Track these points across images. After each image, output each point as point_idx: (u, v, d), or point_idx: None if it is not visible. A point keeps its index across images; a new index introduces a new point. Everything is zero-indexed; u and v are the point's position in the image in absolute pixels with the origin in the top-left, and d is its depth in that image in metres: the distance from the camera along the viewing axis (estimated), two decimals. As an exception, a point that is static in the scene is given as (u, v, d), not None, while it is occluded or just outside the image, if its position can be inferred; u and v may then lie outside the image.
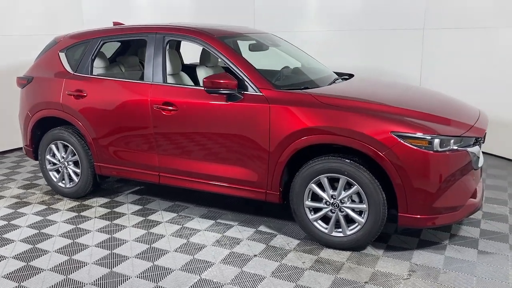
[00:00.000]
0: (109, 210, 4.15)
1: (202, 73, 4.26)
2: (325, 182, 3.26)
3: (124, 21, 5.82)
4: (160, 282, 2.96)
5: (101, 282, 2.98)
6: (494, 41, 5.34)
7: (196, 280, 2.97)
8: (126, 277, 3.03)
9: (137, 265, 3.18)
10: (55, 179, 4.47)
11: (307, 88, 3.54)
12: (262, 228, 3.73)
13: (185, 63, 5.36)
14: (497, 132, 5.46)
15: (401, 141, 2.97)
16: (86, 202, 4.36)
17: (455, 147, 3.05)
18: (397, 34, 6.38)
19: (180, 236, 3.62)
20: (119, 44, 5.15)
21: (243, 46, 4.29)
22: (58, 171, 4.47)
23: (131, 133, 3.93)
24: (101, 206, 4.26)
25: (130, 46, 5.10)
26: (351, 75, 4.39)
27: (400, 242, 3.43)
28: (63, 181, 4.44)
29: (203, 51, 4.33)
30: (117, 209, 4.17)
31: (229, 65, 3.59)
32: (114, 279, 3.00)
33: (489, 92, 5.47)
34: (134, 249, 3.41)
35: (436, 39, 6.08)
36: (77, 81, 4.16)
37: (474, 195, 3.35)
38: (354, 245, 3.26)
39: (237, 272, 3.06)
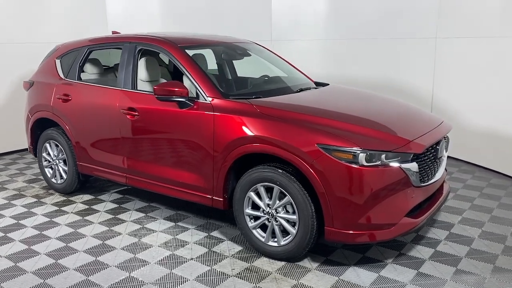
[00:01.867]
0: (87, 207, 4.45)
1: (187, 80, 4.43)
2: (262, 191, 3.28)
3: (145, 29, 6.19)
4: (91, 276, 3.15)
5: (43, 271, 3.23)
6: (509, 50, 4.98)
7: (124, 277, 3.13)
8: (65, 269, 3.25)
9: (81, 258, 3.41)
10: (49, 175, 4.87)
11: (259, 97, 3.59)
12: (215, 233, 3.81)
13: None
14: (509, 148, 5.07)
15: (326, 153, 2.93)
16: (72, 198, 4.69)
17: (387, 162, 2.94)
18: (409, 43, 6.17)
19: (135, 235, 3.80)
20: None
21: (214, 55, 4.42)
22: (52, 168, 4.86)
23: (104, 136, 4.20)
24: (83, 202, 4.58)
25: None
26: (326, 84, 4.38)
27: (341, 257, 3.35)
28: (55, 178, 4.82)
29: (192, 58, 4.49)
30: (94, 206, 4.46)
31: (185, 73, 3.73)
32: (54, 270, 3.24)
33: (503, 103, 5.08)
34: (86, 244, 3.64)
35: (449, 48, 5.80)
36: (65, 86, 4.52)
37: (419, 214, 3.20)
38: (287, 256, 3.25)
39: (165, 273, 3.17)
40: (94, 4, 7.23)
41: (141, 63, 4.14)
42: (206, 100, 3.53)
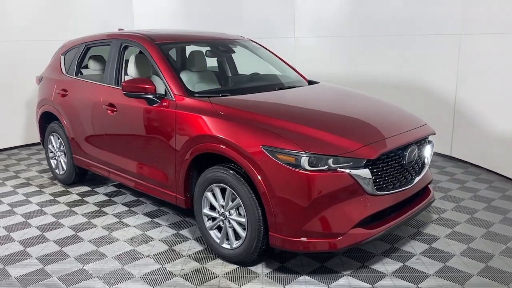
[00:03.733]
0: (79, 198, 4.60)
1: (185, 78, 4.43)
2: (217, 191, 3.20)
3: (169, 26, 6.30)
4: (47, 265, 3.25)
5: (8, 258, 3.37)
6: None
7: (76, 269, 3.19)
8: (28, 257, 3.38)
9: (48, 248, 3.52)
10: (53, 166, 5.11)
11: (227, 95, 3.51)
12: (184, 232, 3.78)
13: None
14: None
15: (269, 155, 2.79)
16: (71, 189, 4.88)
17: (335, 168, 2.74)
18: (432, 39, 5.75)
19: (108, 228, 3.87)
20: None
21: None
22: (56, 160, 5.09)
23: (92, 130, 4.31)
24: (78, 193, 4.74)
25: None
26: (316, 82, 4.22)
27: (298, 265, 3.18)
28: (58, 169, 5.04)
29: (189, 55, 4.50)
30: (86, 198, 4.60)
31: (156, 69, 3.72)
32: (18, 257, 3.37)
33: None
34: (60, 234, 3.77)
35: (474, 46, 5.32)
36: (64, 81, 4.70)
37: (378, 225, 2.95)
38: (238, 259, 3.14)
39: (115, 268, 3.19)
40: (121, 2, 7.46)
41: (131, 59, 4.19)
42: (172, 98, 3.50)
